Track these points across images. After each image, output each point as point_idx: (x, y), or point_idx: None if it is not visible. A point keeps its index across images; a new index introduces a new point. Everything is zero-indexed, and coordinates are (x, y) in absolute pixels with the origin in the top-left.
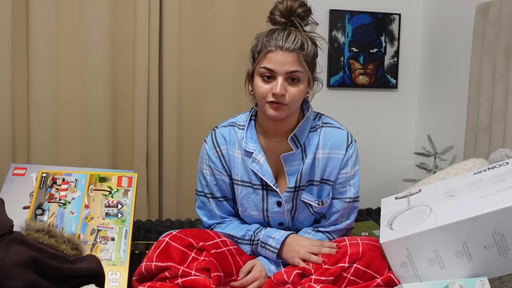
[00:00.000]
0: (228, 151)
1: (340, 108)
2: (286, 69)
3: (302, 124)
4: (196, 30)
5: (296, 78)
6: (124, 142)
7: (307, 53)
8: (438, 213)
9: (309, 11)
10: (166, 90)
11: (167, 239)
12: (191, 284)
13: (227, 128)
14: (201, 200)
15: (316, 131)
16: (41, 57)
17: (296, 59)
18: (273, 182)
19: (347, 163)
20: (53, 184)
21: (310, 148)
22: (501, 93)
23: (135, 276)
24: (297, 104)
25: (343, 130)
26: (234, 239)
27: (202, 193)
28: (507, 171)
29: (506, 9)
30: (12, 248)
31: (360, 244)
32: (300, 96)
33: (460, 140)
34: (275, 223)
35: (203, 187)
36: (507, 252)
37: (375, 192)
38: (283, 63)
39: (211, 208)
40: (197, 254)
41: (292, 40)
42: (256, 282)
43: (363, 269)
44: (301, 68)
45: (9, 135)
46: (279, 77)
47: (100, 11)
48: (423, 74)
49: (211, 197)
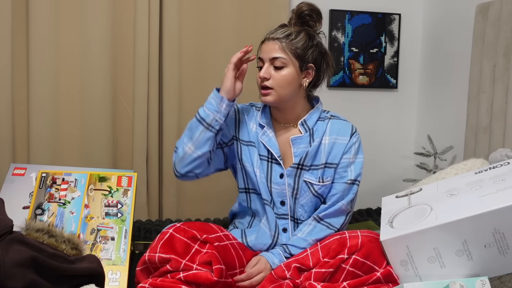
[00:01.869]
0: (246, 120)
1: (340, 108)
2: (270, 56)
3: (312, 112)
4: (197, 30)
5: (280, 65)
6: (124, 142)
7: (293, 43)
8: (439, 211)
9: (312, 11)
10: (166, 90)
11: (171, 230)
12: (192, 278)
13: (247, 106)
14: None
15: (324, 120)
16: (41, 57)
17: (279, 47)
18: (278, 154)
19: (350, 148)
20: (52, 184)
21: (318, 133)
22: (501, 93)
23: (138, 266)
24: (285, 89)
25: (348, 122)
26: (196, 117)
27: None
28: (507, 171)
29: (506, 9)
30: (12, 248)
31: (360, 236)
32: (285, 81)
33: (460, 140)
34: (278, 199)
35: None
36: (507, 251)
37: (375, 192)
38: (267, 50)
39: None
40: (200, 247)
41: (280, 31)
42: (261, 274)
43: (361, 260)
44: (283, 55)
45: (9, 135)
46: (266, 63)
47: (100, 11)
48: (423, 74)
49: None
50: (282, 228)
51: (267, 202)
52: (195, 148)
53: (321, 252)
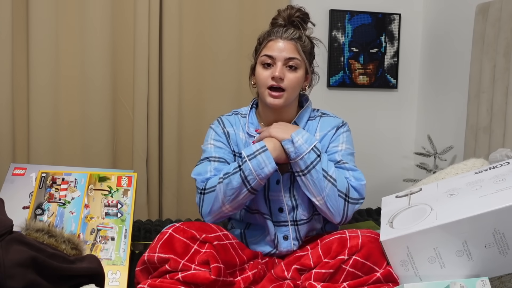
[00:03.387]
0: (234, 132)
1: (340, 108)
2: (285, 56)
3: (301, 112)
4: (197, 31)
5: (294, 66)
6: (124, 142)
7: (305, 45)
8: (439, 211)
9: (306, 16)
10: (166, 90)
11: (170, 230)
12: (191, 279)
13: (231, 116)
14: (201, 165)
15: (315, 119)
16: (41, 57)
17: (295, 47)
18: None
19: (337, 138)
20: (52, 184)
21: (310, 133)
22: (501, 93)
23: (138, 266)
24: (295, 91)
25: (338, 118)
26: (227, 176)
27: (203, 159)
28: (508, 171)
29: (506, 9)
30: (12, 248)
31: (360, 237)
32: (297, 83)
33: (460, 140)
34: (275, 207)
35: (205, 155)
36: (507, 251)
37: (375, 192)
38: (282, 49)
39: (210, 168)
40: (199, 247)
41: (290, 32)
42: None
43: (362, 261)
44: (298, 57)
45: (9, 135)
46: (278, 62)
47: (100, 11)
48: (423, 74)
49: (212, 159)
50: (283, 236)
51: (267, 216)
52: (233, 208)
53: (322, 252)
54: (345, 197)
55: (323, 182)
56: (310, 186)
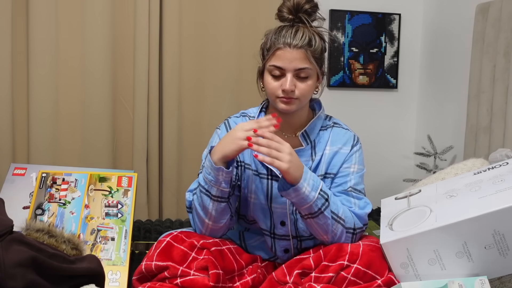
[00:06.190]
0: None
1: (340, 108)
2: (295, 66)
3: (313, 121)
4: (197, 31)
5: (305, 75)
6: (124, 142)
7: (315, 49)
8: (438, 213)
9: (316, 7)
10: (166, 90)
11: (168, 239)
12: (189, 284)
13: (239, 118)
14: (196, 180)
15: (326, 130)
16: (41, 57)
17: (304, 56)
18: (279, 171)
19: (350, 158)
20: (53, 184)
21: (321, 146)
22: (501, 93)
23: (135, 275)
24: (307, 98)
25: (350, 132)
26: (195, 192)
27: (201, 171)
28: (507, 171)
29: (506, 9)
30: (12, 248)
31: (361, 245)
32: (310, 90)
33: (460, 140)
34: (278, 219)
35: (203, 164)
36: (507, 252)
37: (375, 192)
38: (291, 60)
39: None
40: (197, 254)
41: (300, 37)
42: (289, 151)
43: (363, 270)
44: (309, 65)
45: (9, 135)
46: (288, 74)
47: (100, 11)
48: (423, 74)
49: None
50: (283, 249)
51: (266, 232)
52: (215, 222)
53: (323, 255)
54: (353, 231)
55: (331, 225)
56: (316, 228)
